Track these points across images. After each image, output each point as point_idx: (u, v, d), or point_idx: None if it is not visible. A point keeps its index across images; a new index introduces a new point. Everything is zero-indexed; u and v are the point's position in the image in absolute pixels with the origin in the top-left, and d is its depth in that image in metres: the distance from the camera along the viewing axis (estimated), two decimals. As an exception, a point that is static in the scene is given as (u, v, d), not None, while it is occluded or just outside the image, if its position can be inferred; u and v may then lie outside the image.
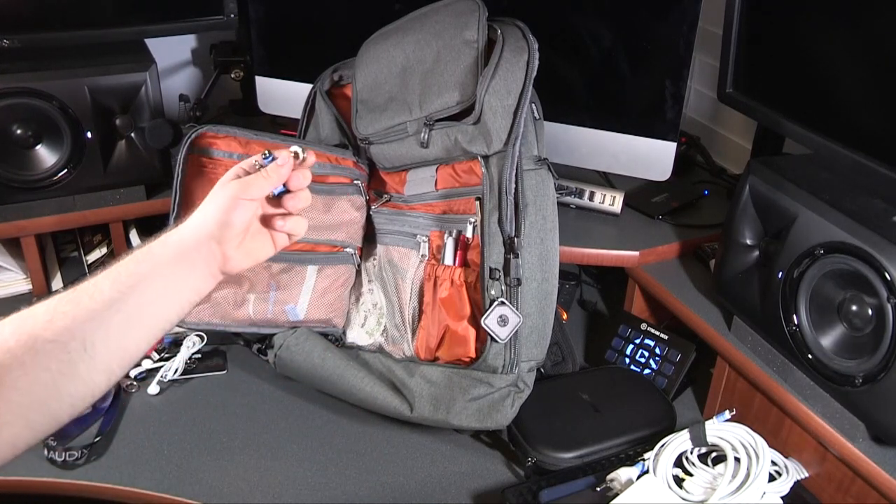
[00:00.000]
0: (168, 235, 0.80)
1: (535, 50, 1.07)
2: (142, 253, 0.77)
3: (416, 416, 1.10)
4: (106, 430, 1.13)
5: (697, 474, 1.00)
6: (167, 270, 0.77)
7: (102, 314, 0.72)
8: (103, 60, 1.33)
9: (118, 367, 0.73)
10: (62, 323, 0.69)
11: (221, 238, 0.81)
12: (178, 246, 0.79)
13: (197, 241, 0.80)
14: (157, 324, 0.77)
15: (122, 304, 0.73)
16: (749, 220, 1.08)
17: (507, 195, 1.07)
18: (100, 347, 0.70)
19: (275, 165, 0.83)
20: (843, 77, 1.03)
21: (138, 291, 0.74)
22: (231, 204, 0.81)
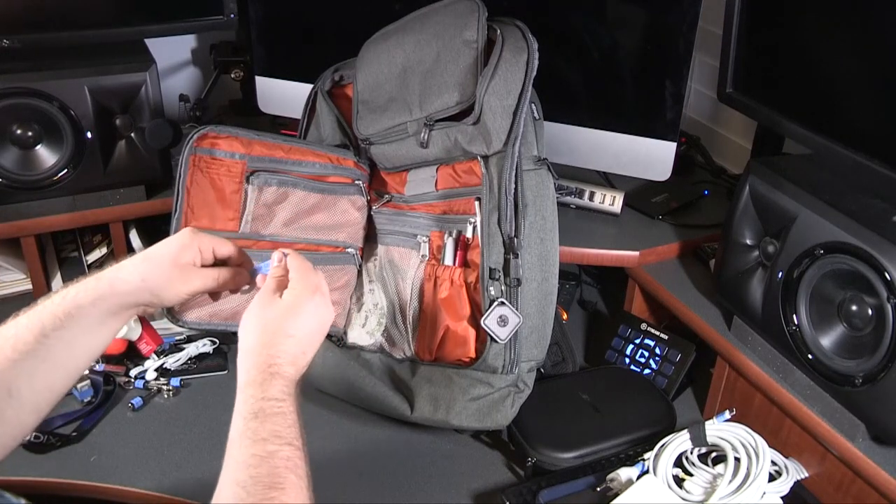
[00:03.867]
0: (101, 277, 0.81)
1: (534, 50, 1.07)
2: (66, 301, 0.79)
3: (416, 416, 1.10)
4: (87, 427, 1.13)
5: (697, 474, 1.01)
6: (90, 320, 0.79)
7: (26, 363, 0.74)
8: (103, 60, 1.33)
9: (47, 406, 0.77)
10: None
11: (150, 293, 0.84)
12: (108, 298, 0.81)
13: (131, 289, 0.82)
14: (80, 364, 0.80)
15: (46, 353, 0.75)
16: (749, 220, 1.08)
17: (507, 195, 1.07)
18: (25, 392, 0.73)
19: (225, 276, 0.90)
20: (843, 77, 1.03)
21: (62, 341, 0.76)
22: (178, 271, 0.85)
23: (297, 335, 0.78)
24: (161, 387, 1.22)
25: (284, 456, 0.69)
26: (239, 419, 0.71)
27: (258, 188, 1.18)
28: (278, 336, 0.77)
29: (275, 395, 0.72)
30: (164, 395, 1.21)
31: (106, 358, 1.23)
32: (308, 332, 0.79)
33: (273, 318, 0.78)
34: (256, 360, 0.75)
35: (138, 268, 0.84)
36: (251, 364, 0.75)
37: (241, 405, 0.72)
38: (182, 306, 1.18)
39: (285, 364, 0.76)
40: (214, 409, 1.20)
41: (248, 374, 0.75)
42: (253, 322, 0.79)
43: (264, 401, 0.72)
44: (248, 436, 0.69)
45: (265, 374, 0.74)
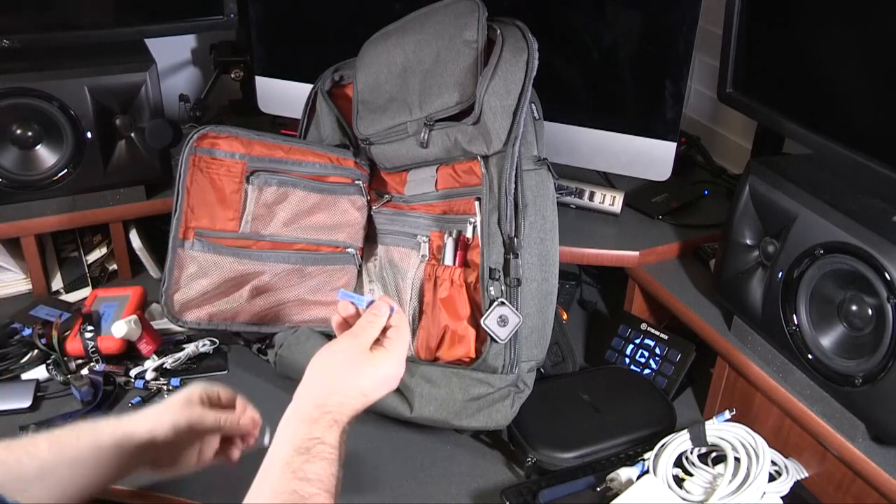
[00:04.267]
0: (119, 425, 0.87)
1: (534, 50, 1.07)
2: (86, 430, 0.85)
3: (416, 416, 1.10)
4: None
5: (697, 474, 1.00)
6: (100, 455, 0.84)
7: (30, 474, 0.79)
8: (103, 60, 1.33)
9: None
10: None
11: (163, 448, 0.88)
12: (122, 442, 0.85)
13: (143, 443, 0.86)
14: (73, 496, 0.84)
15: (51, 471, 0.80)
16: (749, 220, 1.08)
17: (507, 195, 1.07)
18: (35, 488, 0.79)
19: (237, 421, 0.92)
20: (843, 77, 1.03)
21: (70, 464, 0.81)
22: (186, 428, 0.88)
23: (370, 397, 0.80)
24: (161, 387, 1.22)
25: (320, 502, 0.71)
26: (287, 448, 0.73)
27: (258, 188, 1.18)
28: (355, 390, 0.79)
29: (329, 441, 0.74)
30: (164, 395, 1.21)
31: (106, 358, 1.23)
32: (378, 395, 0.81)
33: (357, 372, 0.79)
34: (324, 401, 0.76)
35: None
36: (317, 401, 0.76)
37: (292, 436, 0.74)
38: (182, 306, 1.19)
39: (348, 416, 0.77)
40: (214, 409, 1.19)
41: (309, 410, 0.76)
42: (338, 362, 0.79)
43: (318, 442, 0.73)
44: (292, 468, 0.71)
45: (327, 418, 0.75)
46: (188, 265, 1.17)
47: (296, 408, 0.77)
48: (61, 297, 1.43)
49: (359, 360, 0.79)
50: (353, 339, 0.81)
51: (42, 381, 1.20)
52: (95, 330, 1.24)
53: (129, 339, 1.23)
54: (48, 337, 1.23)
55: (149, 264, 1.48)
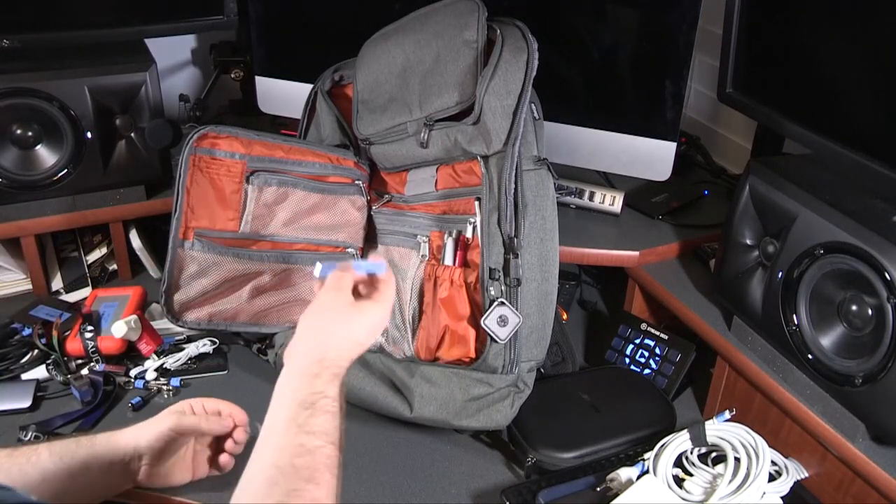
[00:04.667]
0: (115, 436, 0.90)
1: (534, 50, 1.07)
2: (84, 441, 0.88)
3: (416, 416, 1.10)
4: (87, 427, 1.13)
5: (697, 474, 1.00)
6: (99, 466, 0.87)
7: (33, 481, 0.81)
8: (103, 60, 1.33)
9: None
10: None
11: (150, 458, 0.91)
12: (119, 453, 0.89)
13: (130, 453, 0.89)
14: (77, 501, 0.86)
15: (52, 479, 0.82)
16: (749, 220, 1.08)
17: (507, 195, 1.07)
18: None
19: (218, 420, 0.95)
20: (843, 77, 1.03)
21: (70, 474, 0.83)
22: (167, 436, 0.91)
23: (364, 344, 0.82)
24: (161, 387, 1.21)
25: (327, 454, 0.71)
26: (291, 404, 0.73)
27: (258, 188, 1.18)
28: (350, 341, 0.80)
29: (331, 394, 0.75)
30: (164, 395, 1.21)
31: (106, 358, 1.23)
32: (370, 342, 0.83)
33: (350, 322, 0.80)
34: (323, 355, 0.77)
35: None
36: (316, 356, 0.77)
37: (294, 392, 0.74)
38: (182, 306, 1.19)
39: (346, 367, 0.79)
40: (214, 409, 1.19)
41: (309, 365, 0.76)
42: (329, 317, 0.80)
43: (321, 396, 0.74)
44: (297, 423, 0.71)
45: (328, 372, 0.76)
46: (188, 265, 1.17)
47: (294, 366, 0.77)
48: (61, 297, 1.43)
49: (348, 312, 0.81)
50: (336, 293, 0.81)
51: (42, 381, 1.20)
52: (95, 330, 1.24)
53: (129, 339, 1.23)
54: (48, 337, 1.23)
55: (149, 264, 1.48)
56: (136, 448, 0.90)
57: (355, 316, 0.81)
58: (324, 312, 0.81)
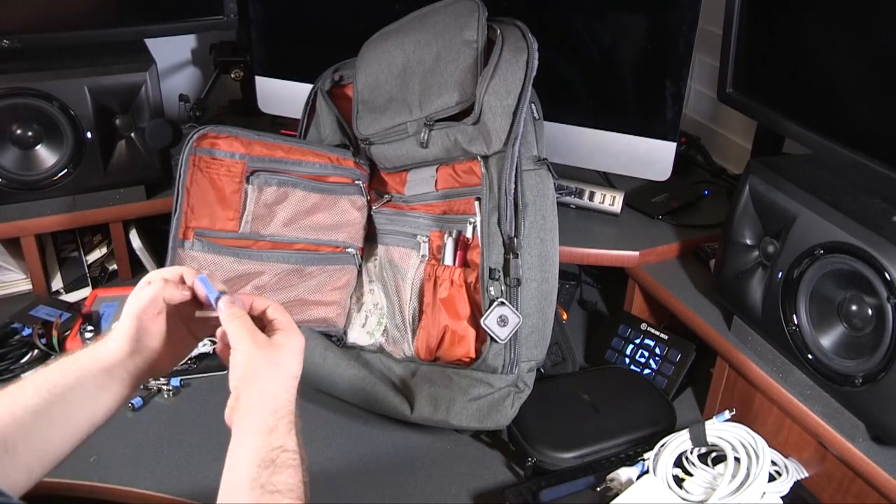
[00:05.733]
0: (95, 348, 0.80)
1: (534, 50, 1.07)
2: (68, 363, 0.78)
3: (416, 416, 1.10)
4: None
5: (697, 474, 1.00)
6: (91, 383, 0.78)
7: (24, 419, 0.74)
8: (103, 60, 1.33)
9: (39, 468, 0.75)
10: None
11: (141, 350, 0.80)
12: (103, 360, 0.79)
13: (118, 356, 0.79)
14: (80, 429, 0.78)
15: (45, 411, 0.75)
16: (749, 220, 1.08)
17: (507, 195, 1.07)
18: (21, 449, 0.73)
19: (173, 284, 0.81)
20: (843, 77, 1.03)
21: (62, 400, 0.76)
22: (135, 326, 0.79)
23: (298, 375, 0.77)
24: (161, 387, 1.22)
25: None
26: (251, 466, 0.69)
27: (258, 188, 1.18)
28: (289, 379, 0.76)
29: (291, 447, 0.72)
30: (164, 395, 1.21)
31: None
32: (300, 369, 0.78)
33: (280, 361, 0.76)
34: (274, 405, 0.73)
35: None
36: (269, 408, 0.73)
37: (252, 451, 0.70)
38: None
39: (293, 409, 0.75)
40: (214, 409, 1.19)
41: (263, 419, 0.72)
42: (260, 365, 0.75)
43: (280, 450, 0.71)
44: (260, 483, 0.68)
45: (283, 422, 0.73)
46: (188, 265, 1.17)
47: (245, 425, 0.72)
48: (61, 297, 1.43)
49: (272, 352, 0.76)
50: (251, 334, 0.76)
51: (42, 381, 1.20)
52: (95, 330, 1.24)
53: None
54: (48, 337, 1.23)
55: (149, 264, 1.48)
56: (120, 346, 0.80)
57: (280, 352, 0.76)
58: (253, 361, 0.75)
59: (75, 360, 0.79)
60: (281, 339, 0.77)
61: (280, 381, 0.75)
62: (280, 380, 0.75)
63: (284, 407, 0.74)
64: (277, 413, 0.73)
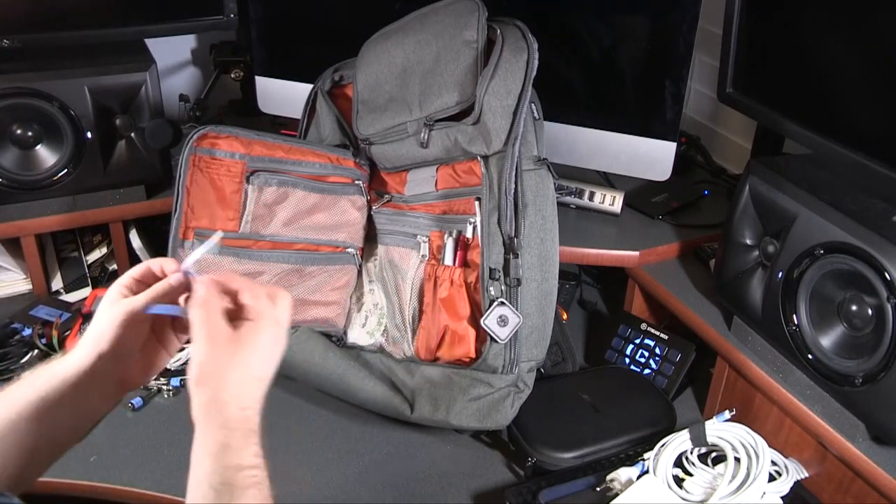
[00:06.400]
0: (58, 365, 0.71)
1: (534, 50, 1.07)
2: (35, 380, 0.70)
3: (416, 416, 1.10)
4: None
5: (697, 474, 1.00)
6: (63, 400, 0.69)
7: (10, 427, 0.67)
8: (103, 60, 1.33)
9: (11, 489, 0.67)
10: None
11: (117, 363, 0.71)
12: (74, 373, 0.69)
13: (92, 371, 0.70)
14: (52, 450, 0.71)
15: (14, 435, 0.67)
16: (749, 220, 1.08)
17: (507, 195, 1.07)
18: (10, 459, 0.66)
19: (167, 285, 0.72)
20: (843, 77, 1.03)
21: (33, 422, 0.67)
22: (121, 329, 0.70)
23: (268, 375, 0.66)
24: (161, 387, 1.22)
25: None
26: (208, 492, 0.60)
27: (258, 188, 1.18)
28: (248, 381, 0.65)
29: (249, 463, 0.62)
30: (164, 395, 1.21)
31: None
32: (273, 368, 0.67)
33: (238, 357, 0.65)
34: (223, 416, 0.63)
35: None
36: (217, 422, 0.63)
37: (206, 475, 0.61)
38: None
39: (256, 414, 0.64)
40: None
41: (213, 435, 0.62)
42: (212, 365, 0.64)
43: (237, 470, 0.61)
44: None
45: (235, 434, 0.62)
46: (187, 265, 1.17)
47: (197, 439, 0.63)
48: (61, 297, 1.43)
49: (231, 350, 0.64)
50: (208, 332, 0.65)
51: (42, 381, 1.20)
52: (95, 330, 1.23)
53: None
54: (48, 337, 1.23)
55: (149, 264, 1.48)
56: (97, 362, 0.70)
57: (241, 349, 0.65)
58: (206, 359, 0.64)
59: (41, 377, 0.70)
60: (246, 334, 0.66)
61: (234, 385, 0.64)
62: (233, 384, 0.64)
63: (236, 417, 0.63)
64: (227, 425, 0.62)
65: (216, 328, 0.65)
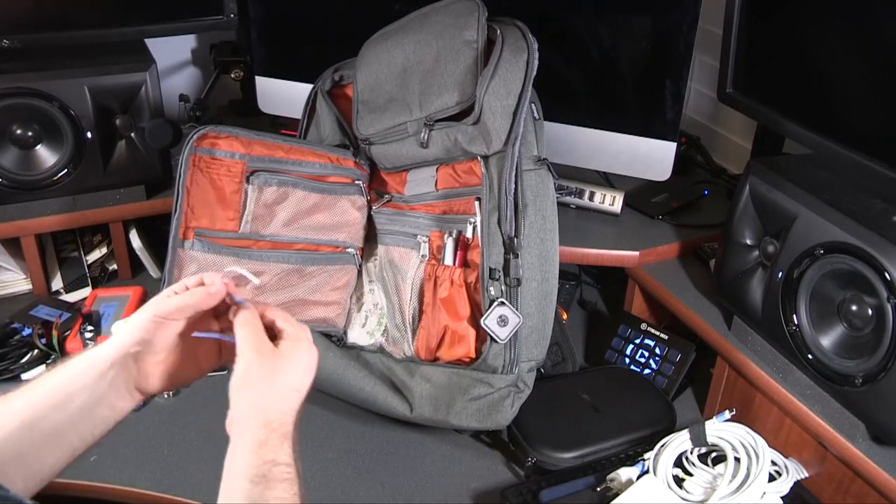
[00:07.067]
0: (90, 351, 0.76)
1: (534, 50, 1.07)
2: (59, 369, 0.74)
3: (416, 416, 1.10)
4: None
5: (697, 474, 1.01)
6: (84, 389, 0.73)
7: (14, 434, 0.70)
8: (103, 60, 1.33)
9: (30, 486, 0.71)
10: None
11: (139, 356, 0.76)
12: (97, 363, 0.74)
13: (115, 358, 0.75)
14: (71, 445, 0.74)
15: (35, 426, 0.70)
16: (749, 220, 1.08)
17: (507, 195, 1.07)
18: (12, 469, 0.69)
19: (203, 290, 0.77)
20: (843, 77, 1.03)
21: (55, 411, 0.72)
22: (151, 324, 0.76)
23: (303, 390, 0.75)
24: (161, 387, 1.21)
25: None
26: (244, 482, 0.67)
27: (258, 188, 1.18)
28: (288, 390, 0.73)
29: (283, 460, 0.69)
30: (164, 395, 1.21)
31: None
32: (308, 383, 0.76)
33: (280, 373, 0.73)
34: (265, 417, 0.70)
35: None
36: (259, 421, 0.70)
37: (245, 467, 0.68)
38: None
39: (292, 422, 0.72)
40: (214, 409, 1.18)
41: (254, 433, 0.69)
42: (256, 375, 0.72)
43: (272, 464, 0.68)
44: (252, 500, 0.66)
45: (275, 435, 0.70)
46: (188, 265, 1.17)
47: (237, 438, 0.70)
48: (61, 297, 1.43)
49: (275, 361, 0.73)
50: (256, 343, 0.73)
51: (42, 381, 1.20)
52: (95, 330, 1.24)
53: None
54: (48, 337, 1.23)
55: (149, 264, 1.48)
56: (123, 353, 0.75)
57: (283, 363, 0.74)
58: (250, 370, 0.72)
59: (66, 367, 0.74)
60: (286, 349, 0.75)
61: (276, 392, 0.72)
62: (276, 391, 0.72)
63: (277, 419, 0.71)
64: (269, 426, 0.70)
65: (261, 343, 0.74)
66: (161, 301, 0.77)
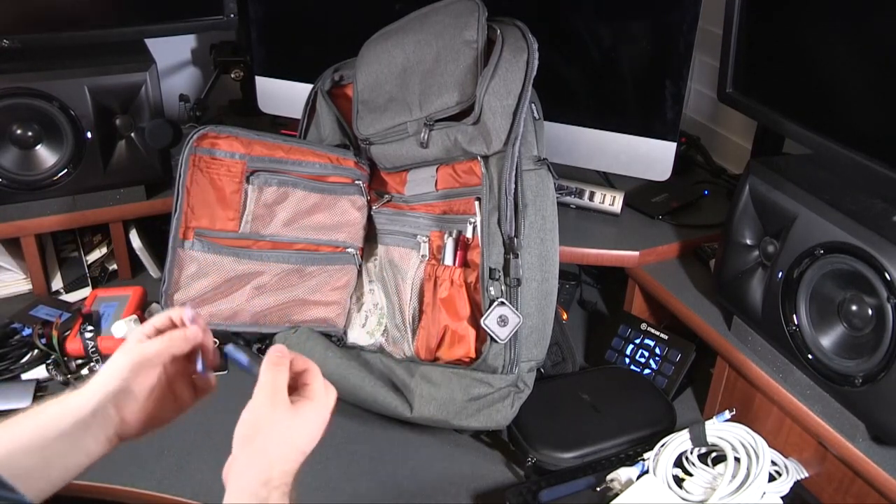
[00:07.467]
0: (67, 397, 0.76)
1: (534, 50, 1.07)
2: (33, 412, 0.74)
3: (416, 416, 1.10)
4: None
5: (697, 474, 1.00)
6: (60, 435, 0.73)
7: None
8: (103, 60, 1.33)
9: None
10: None
11: (120, 404, 0.76)
12: (76, 410, 0.74)
13: (94, 407, 0.75)
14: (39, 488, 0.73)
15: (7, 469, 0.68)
16: (749, 220, 1.08)
17: (507, 195, 1.07)
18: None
19: (180, 334, 0.78)
20: (843, 77, 1.03)
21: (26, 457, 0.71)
22: (130, 372, 0.76)
23: (307, 452, 0.73)
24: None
25: None
26: None
27: (258, 188, 1.18)
28: (293, 452, 0.71)
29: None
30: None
31: (106, 358, 1.23)
32: (312, 446, 0.74)
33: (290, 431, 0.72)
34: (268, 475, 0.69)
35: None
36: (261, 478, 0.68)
37: None
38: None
39: (291, 478, 0.70)
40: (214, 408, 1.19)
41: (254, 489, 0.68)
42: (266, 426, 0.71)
43: None
44: None
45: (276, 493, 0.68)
46: (188, 265, 1.17)
47: (233, 490, 0.68)
48: (61, 297, 1.43)
49: (288, 417, 0.72)
50: (274, 396, 0.72)
51: (42, 381, 1.20)
52: (95, 330, 1.24)
53: (129, 339, 1.23)
54: (48, 337, 1.23)
55: (149, 264, 1.48)
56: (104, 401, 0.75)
57: (295, 421, 0.72)
58: (261, 422, 0.71)
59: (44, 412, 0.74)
60: (303, 408, 0.73)
61: (282, 450, 0.70)
62: (283, 450, 0.70)
63: (279, 478, 0.69)
64: (269, 484, 0.68)
65: (279, 395, 0.72)
66: (137, 348, 0.77)
